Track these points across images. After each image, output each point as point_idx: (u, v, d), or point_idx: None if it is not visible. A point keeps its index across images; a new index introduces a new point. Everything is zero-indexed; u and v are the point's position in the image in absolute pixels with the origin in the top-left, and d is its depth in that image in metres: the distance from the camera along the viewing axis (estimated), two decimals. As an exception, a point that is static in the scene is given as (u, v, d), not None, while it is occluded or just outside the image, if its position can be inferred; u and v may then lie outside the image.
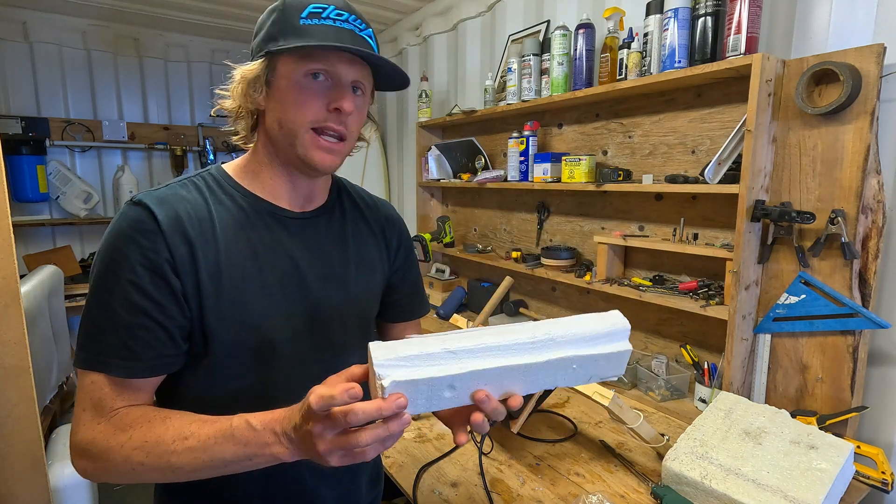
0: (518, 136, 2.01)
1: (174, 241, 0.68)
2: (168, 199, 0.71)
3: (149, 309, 0.66)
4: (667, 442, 1.20)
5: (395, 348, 0.55)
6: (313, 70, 0.70)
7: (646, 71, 1.51)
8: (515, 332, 0.59)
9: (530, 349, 0.58)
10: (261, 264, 0.74)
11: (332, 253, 0.83)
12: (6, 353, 1.29)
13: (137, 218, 0.67)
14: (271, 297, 0.74)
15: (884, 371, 1.24)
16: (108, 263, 0.66)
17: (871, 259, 1.17)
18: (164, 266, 0.67)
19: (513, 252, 2.13)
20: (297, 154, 0.72)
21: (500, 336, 0.58)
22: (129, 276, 0.65)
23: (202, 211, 0.72)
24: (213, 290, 0.70)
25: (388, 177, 3.38)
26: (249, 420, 0.59)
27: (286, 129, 0.71)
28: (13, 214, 1.29)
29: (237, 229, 0.73)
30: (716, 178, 1.34)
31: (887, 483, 1.06)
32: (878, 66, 1.12)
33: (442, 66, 2.78)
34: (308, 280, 0.78)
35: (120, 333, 0.66)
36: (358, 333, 0.86)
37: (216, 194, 0.75)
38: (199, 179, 0.76)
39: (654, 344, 1.71)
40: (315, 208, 0.83)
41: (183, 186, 0.74)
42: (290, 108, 0.70)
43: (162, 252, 0.67)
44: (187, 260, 0.68)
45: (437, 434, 1.33)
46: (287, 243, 0.77)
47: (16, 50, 2.90)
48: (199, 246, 0.70)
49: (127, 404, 0.67)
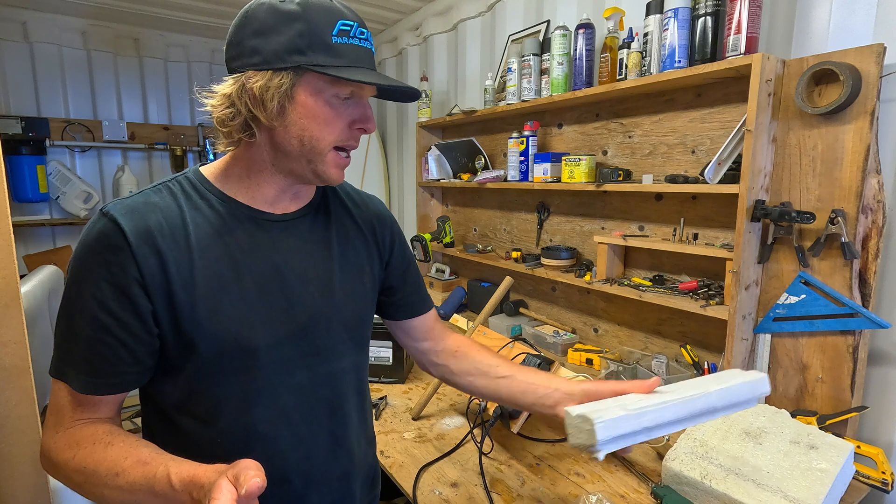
0: (518, 136, 2.01)
1: (143, 255, 0.66)
2: (138, 209, 0.68)
3: (110, 326, 0.65)
4: (667, 442, 1.20)
5: (606, 410, 0.70)
6: (346, 94, 0.70)
7: (646, 71, 1.51)
8: (686, 392, 0.75)
9: (693, 408, 0.74)
10: (239, 270, 0.72)
11: (315, 255, 0.80)
12: (6, 353, 1.29)
13: (104, 231, 0.66)
14: (250, 304, 0.72)
15: (884, 371, 1.24)
16: (75, 276, 0.66)
17: (871, 259, 1.17)
18: (131, 285, 0.65)
19: (513, 252, 2.13)
20: (313, 170, 0.72)
21: (676, 394, 0.74)
22: (92, 290, 0.64)
23: (175, 218, 0.70)
24: (188, 301, 0.68)
25: (388, 177, 3.38)
26: (171, 475, 0.57)
27: (309, 147, 0.70)
28: (13, 214, 1.29)
29: (213, 235, 0.71)
30: (716, 178, 1.34)
31: (887, 483, 1.06)
32: (878, 66, 1.12)
33: (442, 66, 2.78)
34: (290, 284, 0.76)
35: (81, 347, 0.65)
36: (346, 338, 0.83)
37: (192, 199, 0.73)
38: (175, 184, 0.74)
39: (654, 344, 1.71)
40: (297, 209, 0.80)
41: (157, 192, 0.72)
42: (317, 127, 0.70)
43: (129, 270, 0.65)
44: (157, 272, 0.66)
45: (437, 434, 1.33)
46: (267, 247, 0.75)
47: (16, 50, 2.90)
48: (171, 256, 0.67)
49: (85, 417, 0.67)
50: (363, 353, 0.89)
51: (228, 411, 0.73)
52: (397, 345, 1.61)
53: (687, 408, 0.73)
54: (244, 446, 0.74)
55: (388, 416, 1.42)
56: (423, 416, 1.42)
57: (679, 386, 0.78)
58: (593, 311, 1.93)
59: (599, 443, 0.67)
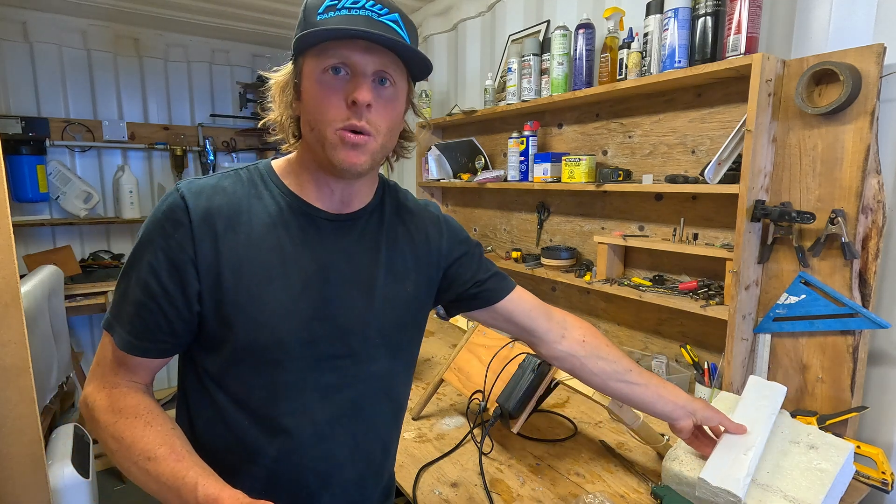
0: (518, 136, 2.01)
1: (201, 234, 0.69)
2: (206, 191, 0.71)
3: (158, 295, 0.68)
4: (667, 442, 1.20)
5: (729, 474, 0.92)
6: (330, 65, 0.66)
7: (646, 71, 1.51)
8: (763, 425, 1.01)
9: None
10: (286, 264, 0.73)
11: (362, 259, 0.79)
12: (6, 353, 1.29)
13: (172, 206, 0.69)
14: (291, 298, 0.73)
15: (884, 371, 1.24)
16: (141, 240, 0.70)
17: (871, 259, 1.17)
18: (184, 262, 0.68)
19: (513, 252, 2.13)
20: (327, 157, 0.70)
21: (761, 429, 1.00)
22: (150, 258, 0.68)
23: (238, 204, 0.72)
24: (233, 284, 0.70)
25: (388, 177, 3.38)
26: (199, 486, 0.59)
27: (316, 131, 0.69)
28: (13, 214, 1.29)
29: (269, 226, 0.73)
30: (716, 178, 1.34)
31: (887, 483, 1.06)
32: (878, 66, 1.12)
33: (442, 66, 2.78)
34: (333, 285, 0.76)
35: (129, 307, 0.69)
36: (380, 343, 0.81)
37: (257, 188, 0.75)
38: (246, 172, 0.77)
39: (654, 344, 1.71)
40: (354, 211, 0.79)
41: (227, 177, 0.75)
42: (315, 109, 0.69)
43: (186, 246, 0.68)
44: (210, 253, 0.69)
45: (436, 434, 1.33)
46: (317, 245, 0.76)
47: (16, 50, 2.90)
48: (226, 240, 0.70)
49: (127, 378, 0.71)
50: (398, 360, 0.85)
51: (256, 398, 0.74)
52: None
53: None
54: (268, 436, 0.75)
55: (388, 416, 1.42)
56: (423, 415, 1.42)
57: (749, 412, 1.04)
58: (593, 311, 1.93)
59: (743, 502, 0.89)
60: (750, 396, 1.10)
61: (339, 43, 0.66)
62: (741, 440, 0.98)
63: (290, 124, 0.75)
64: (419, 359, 1.83)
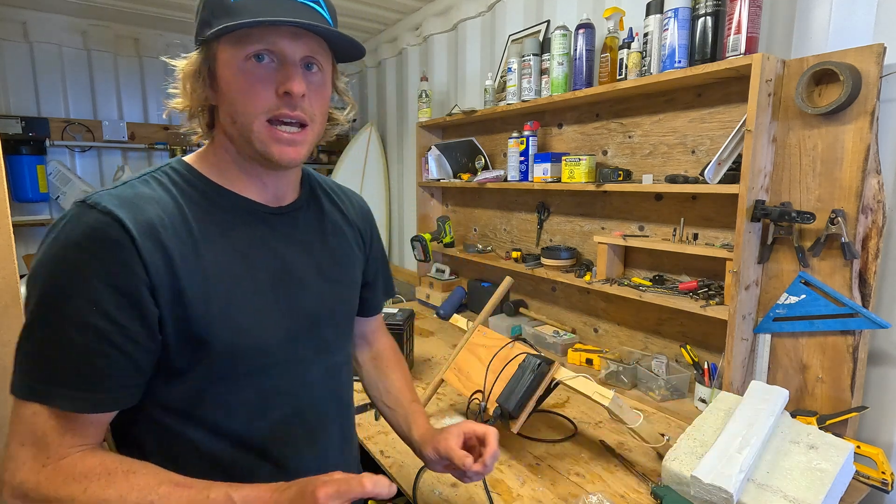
0: (518, 136, 2.01)
1: (148, 251, 0.58)
2: (132, 200, 0.60)
3: (110, 333, 0.57)
4: (667, 442, 1.20)
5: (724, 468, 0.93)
6: (253, 52, 0.62)
7: (646, 71, 1.51)
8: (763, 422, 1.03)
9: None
10: (249, 265, 0.68)
11: (313, 248, 0.78)
12: (6, 353, 1.29)
13: (98, 226, 0.57)
14: (264, 299, 0.69)
15: (884, 371, 1.24)
16: (56, 279, 0.57)
17: (871, 259, 1.17)
18: (136, 287, 0.58)
19: (513, 252, 2.13)
20: (255, 150, 0.65)
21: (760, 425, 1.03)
22: (86, 294, 0.56)
23: (173, 210, 0.63)
24: (201, 297, 0.62)
25: (388, 177, 3.38)
26: (231, 495, 0.55)
27: (240, 124, 0.64)
28: (13, 214, 1.29)
29: (218, 228, 0.66)
30: (716, 178, 1.34)
31: (887, 483, 1.06)
32: (878, 66, 1.12)
33: (442, 66, 2.78)
34: (299, 278, 0.74)
35: (72, 361, 0.56)
36: (346, 331, 0.83)
37: (185, 191, 0.66)
38: (162, 175, 0.67)
39: (654, 344, 1.71)
40: (290, 203, 0.76)
41: (144, 183, 0.65)
42: (237, 100, 0.63)
43: (135, 269, 0.58)
44: (164, 270, 0.60)
45: (437, 434, 1.33)
46: (271, 241, 0.72)
47: (16, 50, 2.90)
48: (178, 252, 0.61)
49: (77, 444, 0.58)
50: (349, 343, 0.89)
51: (242, 416, 0.69)
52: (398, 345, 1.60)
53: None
54: (259, 453, 0.71)
55: (388, 416, 1.42)
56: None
57: (748, 413, 1.06)
58: (593, 311, 1.93)
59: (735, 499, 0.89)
60: (750, 399, 1.10)
61: (262, 28, 0.61)
62: (737, 439, 0.98)
63: (200, 113, 0.69)
64: (419, 359, 1.83)
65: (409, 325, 1.71)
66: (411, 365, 1.75)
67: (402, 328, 1.61)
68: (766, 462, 0.99)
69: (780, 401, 1.09)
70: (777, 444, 1.04)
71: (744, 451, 0.95)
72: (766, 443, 1.01)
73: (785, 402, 1.11)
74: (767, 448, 1.02)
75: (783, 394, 1.12)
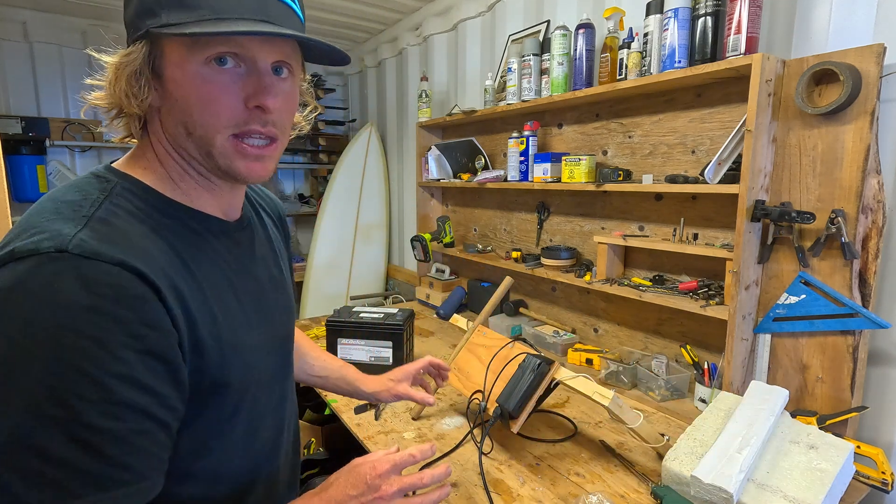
0: (518, 136, 2.01)
1: (172, 303, 0.51)
2: (130, 241, 0.50)
3: (149, 407, 0.48)
4: (667, 442, 1.20)
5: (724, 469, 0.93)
6: (215, 55, 0.52)
7: (646, 71, 1.51)
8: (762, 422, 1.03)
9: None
10: (237, 293, 0.63)
11: (269, 260, 0.74)
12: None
13: (112, 281, 0.46)
14: (255, 328, 0.65)
15: (884, 371, 1.24)
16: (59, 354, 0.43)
17: (871, 259, 1.17)
18: (172, 347, 0.50)
19: (513, 252, 2.13)
20: (216, 165, 0.57)
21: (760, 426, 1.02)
22: (117, 368, 0.46)
23: (163, 246, 0.54)
24: (215, 344, 0.56)
25: (388, 177, 3.38)
26: None
27: (197, 136, 0.55)
28: (13, 214, 1.29)
29: (206, 259, 0.59)
30: (716, 178, 1.34)
31: (887, 483, 1.06)
32: (878, 66, 1.12)
33: (442, 66, 2.78)
34: (267, 296, 0.70)
35: (114, 453, 0.46)
36: (293, 332, 0.80)
37: (153, 217, 0.56)
38: (120, 199, 0.54)
39: (654, 344, 1.71)
40: (242, 214, 0.69)
41: (112, 214, 0.51)
42: (194, 111, 0.53)
43: (166, 327, 0.50)
44: (184, 323, 0.52)
45: (436, 434, 1.33)
46: (244, 261, 0.66)
47: (16, 50, 2.90)
48: (190, 297, 0.54)
49: None
50: None
51: (237, 452, 0.64)
52: (397, 345, 1.61)
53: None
54: (247, 486, 0.68)
55: (388, 416, 1.42)
56: (422, 416, 1.42)
57: (748, 413, 1.06)
58: (593, 311, 1.93)
59: (735, 499, 0.89)
60: (750, 399, 1.10)
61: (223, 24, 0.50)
62: (738, 439, 0.99)
63: (131, 114, 0.57)
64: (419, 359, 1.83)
65: (409, 325, 1.71)
66: (411, 365, 1.75)
67: (402, 328, 1.61)
68: (766, 462, 0.99)
69: (780, 401, 1.09)
70: (777, 444, 1.04)
71: (744, 451, 0.95)
72: (766, 443, 1.01)
73: (785, 402, 1.11)
74: (767, 448, 1.02)
75: (783, 394, 1.12)
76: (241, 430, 0.64)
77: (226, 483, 0.64)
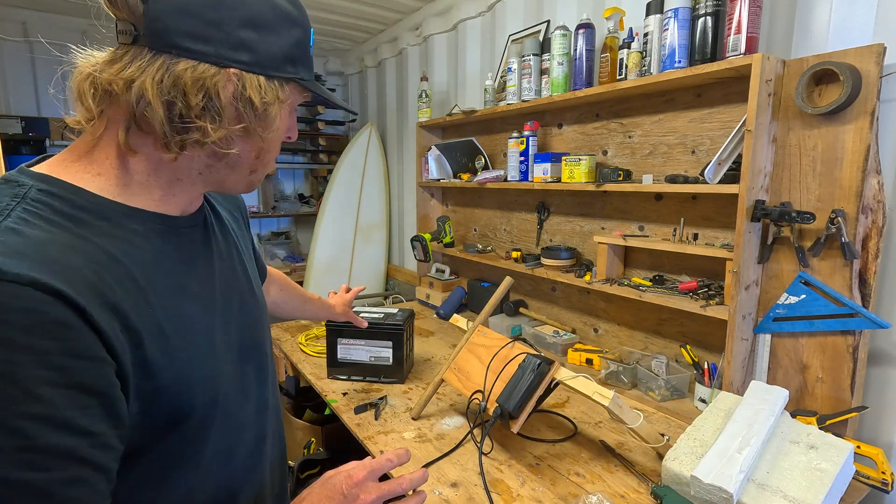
0: (518, 136, 2.01)
1: (105, 323, 0.43)
2: (47, 254, 0.43)
3: (79, 449, 0.41)
4: (667, 442, 1.20)
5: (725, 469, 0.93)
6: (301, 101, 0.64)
7: (646, 71, 1.51)
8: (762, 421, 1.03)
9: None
10: (192, 297, 0.57)
11: (231, 253, 0.69)
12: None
13: (25, 306, 0.39)
14: (217, 336, 0.59)
15: (884, 371, 1.24)
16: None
17: (871, 259, 1.17)
18: (105, 378, 0.43)
19: (513, 252, 2.13)
20: (249, 181, 0.62)
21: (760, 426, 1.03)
22: (36, 410, 0.39)
23: (98, 254, 0.47)
24: (166, 361, 0.50)
25: (388, 177, 3.38)
26: None
27: (261, 159, 0.60)
28: (13, 214, 1.29)
29: (152, 263, 0.52)
30: (716, 178, 1.34)
31: (887, 483, 1.06)
32: (878, 66, 1.12)
33: (442, 66, 2.78)
34: (233, 298, 0.65)
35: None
36: (269, 334, 0.76)
37: (83, 222, 0.49)
38: (35, 206, 0.47)
39: (654, 344, 1.71)
40: (196, 210, 0.64)
41: (25, 224, 0.45)
42: (276, 139, 0.61)
43: (97, 355, 0.43)
44: (124, 343, 0.46)
45: (436, 434, 1.33)
46: (200, 260, 0.61)
47: (16, 50, 2.90)
48: (132, 310, 0.47)
49: None
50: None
51: (210, 473, 0.59)
52: (397, 345, 1.61)
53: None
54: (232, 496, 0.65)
55: (388, 416, 1.42)
56: (423, 415, 1.42)
57: (748, 412, 1.06)
58: (593, 311, 1.93)
59: (735, 499, 0.89)
60: (750, 399, 1.10)
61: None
62: (738, 439, 0.99)
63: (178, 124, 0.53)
64: (419, 359, 1.83)
65: (409, 325, 1.71)
66: (411, 365, 1.75)
67: (402, 328, 1.61)
68: (766, 462, 0.99)
69: (780, 401, 1.09)
70: (777, 444, 1.04)
71: (744, 451, 0.95)
72: (766, 443, 1.01)
73: (785, 402, 1.11)
74: (767, 448, 1.02)
75: (783, 394, 1.12)
76: (213, 449, 0.59)
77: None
